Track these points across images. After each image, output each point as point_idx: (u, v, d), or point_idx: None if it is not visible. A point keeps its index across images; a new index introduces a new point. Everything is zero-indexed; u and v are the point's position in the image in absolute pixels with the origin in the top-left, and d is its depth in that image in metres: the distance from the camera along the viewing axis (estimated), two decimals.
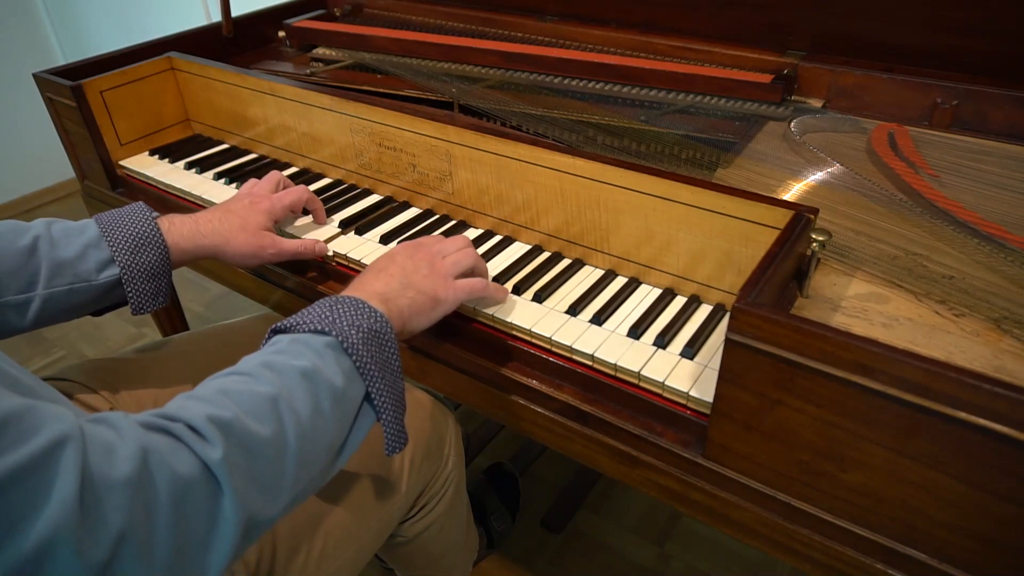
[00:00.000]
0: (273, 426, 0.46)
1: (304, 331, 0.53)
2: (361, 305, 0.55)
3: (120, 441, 0.39)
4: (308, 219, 0.85)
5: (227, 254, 0.73)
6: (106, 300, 0.69)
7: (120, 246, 0.67)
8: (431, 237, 0.68)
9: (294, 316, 0.54)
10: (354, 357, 0.52)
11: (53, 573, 0.34)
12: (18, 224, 0.65)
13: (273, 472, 0.45)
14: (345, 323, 0.53)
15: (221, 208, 0.76)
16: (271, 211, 0.77)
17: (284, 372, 0.49)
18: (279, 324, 0.54)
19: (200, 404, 0.45)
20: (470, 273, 0.67)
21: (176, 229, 0.71)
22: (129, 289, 0.68)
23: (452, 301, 0.63)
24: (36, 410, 0.36)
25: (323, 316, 0.53)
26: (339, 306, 0.54)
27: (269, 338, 0.54)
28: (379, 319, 0.55)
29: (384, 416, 0.54)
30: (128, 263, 0.67)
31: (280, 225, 0.83)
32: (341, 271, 0.80)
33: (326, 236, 0.81)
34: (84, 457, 0.36)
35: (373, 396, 0.53)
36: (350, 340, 0.52)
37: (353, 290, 0.59)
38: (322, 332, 0.52)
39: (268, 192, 0.79)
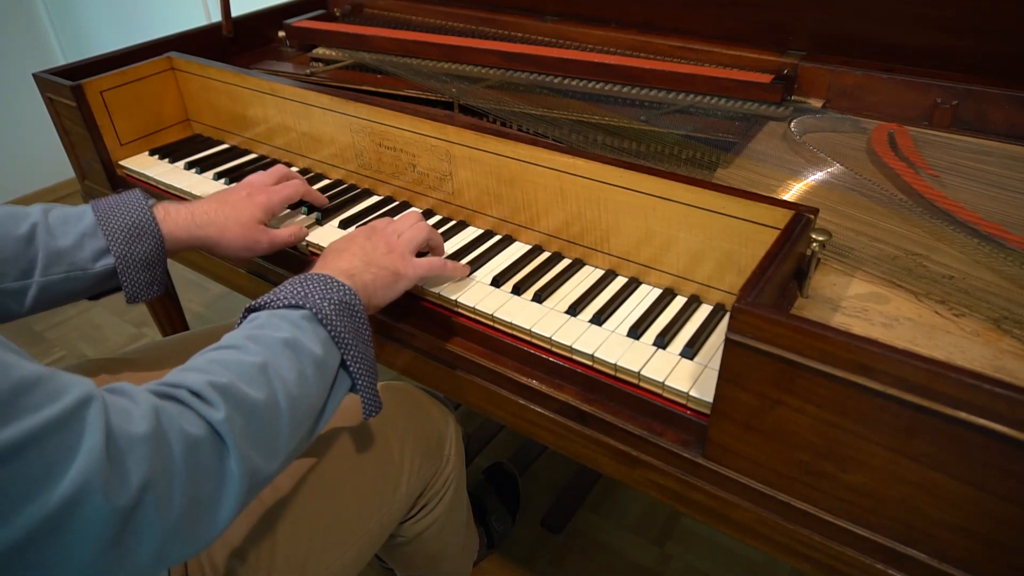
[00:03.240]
0: (265, 391, 0.49)
1: (279, 307, 0.56)
2: (329, 280, 0.58)
3: (134, 405, 0.42)
4: (305, 216, 0.85)
5: (221, 246, 0.74)
6: (102, 287, 0.70)
7: (116, 236, 0.67)
8: (384, 219, 0.72)
9: (266, 295, 0.57)
10: (329, 327, 0.55)
11: (84, 515, 0.37)
12: (16, 210, 0.66)
13: (269, 433, 0.49)
14: (317, 296, 0.56)
15: (218, 199, 0.76)
16: (267, 205, 0.77)
17: (268, 343, 0.52)
18: (253, 303, 0.57)
19: (197, 373, 0.48)
20: (426, 249, 0.72)
21: (172, 219, 0.72)
22: (124, 279, 0.68)
23: (412, 277, 0.67)
24: (60, 375, 0.39)
25: (295, 292, 0.56)
26: (309, 282, 0.57)
27: (244, 317, 0.57)
28: (348, 291, 0.58)
29: (360, 382, 0.58)
30: (123, 253, 0.67)
31: (273, 222, 0.83)
32: None
33: (327, 238, 0.81)
34: (107, 415, 0.39)
35: (348, 363, 0.57)
36: (324, 312, 0.55)
37: (318, 269, 0.62)
38: (297, 306, 0.55)
39: (269, 184, 0.80)
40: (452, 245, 0.79)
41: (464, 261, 0.75)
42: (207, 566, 0.63)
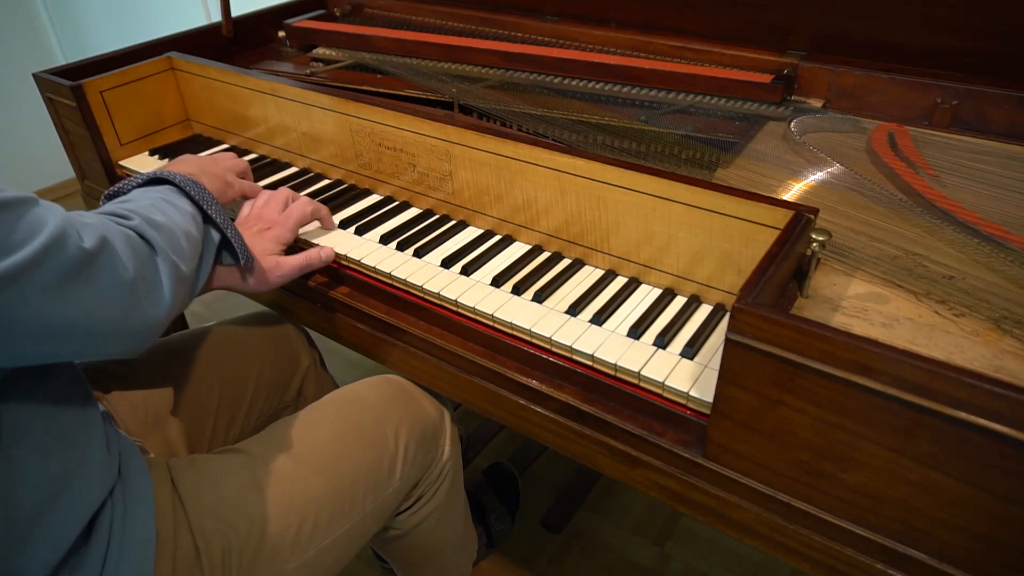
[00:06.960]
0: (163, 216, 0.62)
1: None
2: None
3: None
4: (315, 225, 0.85)
5: (234, 287, 0.74)
6: None
7: None
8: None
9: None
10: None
11: (68, 247, 0.49)
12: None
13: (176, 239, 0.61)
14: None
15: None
16: (279, 238, 0.76)
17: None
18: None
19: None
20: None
21: None
22: None
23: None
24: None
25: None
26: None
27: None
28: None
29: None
30: None
31: None
32: (340, 271, 0.80)
33: (330, 240, 0.81)
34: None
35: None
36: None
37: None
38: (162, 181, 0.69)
39: (277, 213, 0.79)
40: (452, 245, 0.79)
41: (464, 261, 0.75)
42: (199, 536, 0.63)
